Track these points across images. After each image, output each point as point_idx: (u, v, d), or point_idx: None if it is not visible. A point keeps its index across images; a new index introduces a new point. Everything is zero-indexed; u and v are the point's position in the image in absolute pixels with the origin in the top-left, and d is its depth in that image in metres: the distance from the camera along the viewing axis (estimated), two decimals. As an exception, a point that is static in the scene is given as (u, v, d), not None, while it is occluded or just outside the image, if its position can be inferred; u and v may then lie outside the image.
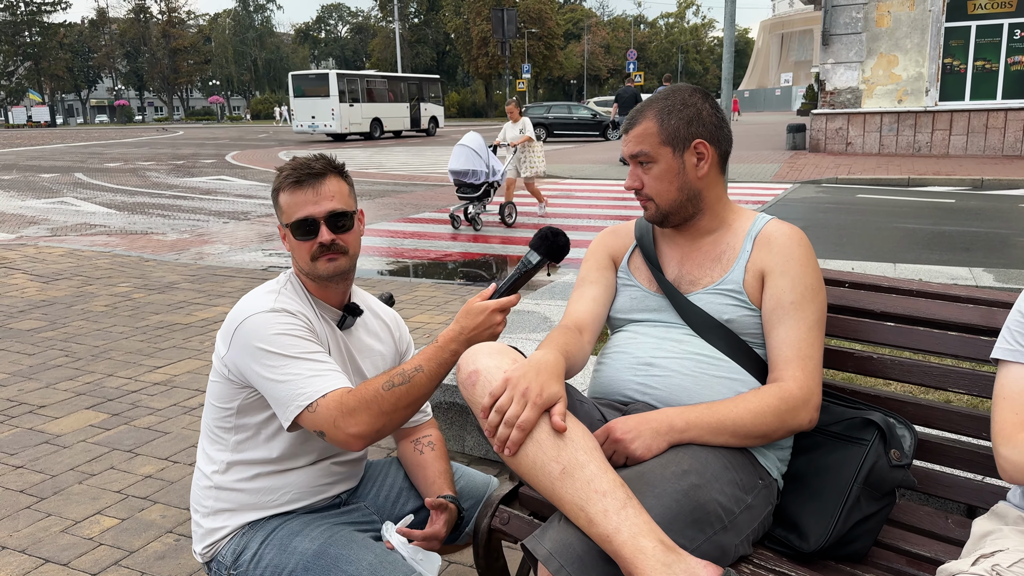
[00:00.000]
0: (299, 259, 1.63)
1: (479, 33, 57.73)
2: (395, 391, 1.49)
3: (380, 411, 1.48)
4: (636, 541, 1.22)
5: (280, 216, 1.64)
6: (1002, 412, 1.35)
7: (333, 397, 1.48)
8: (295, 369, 1.50)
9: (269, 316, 1.54)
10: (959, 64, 15.43)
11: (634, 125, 1.65)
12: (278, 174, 1.63)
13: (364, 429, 1.46)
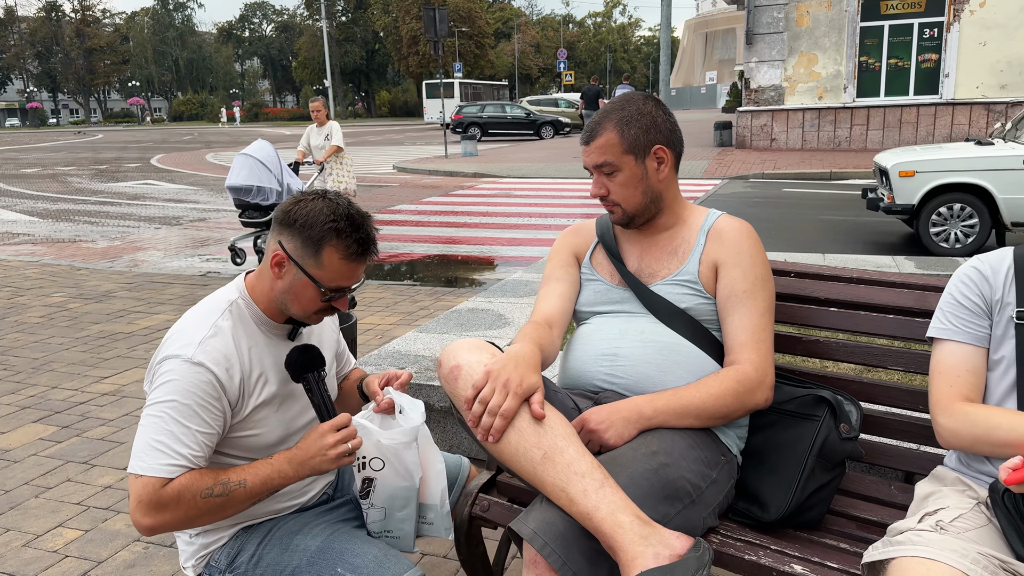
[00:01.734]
0: (292, 302, 1.56)
1: (409, 32, 57.35)
2: (210, 500, 1.45)
3: (187, 516, 1.45)
4: (615, 517, 1.32)
5: (306, 260, 1.51)
6: (938, 385, 1.49)
7: (153, 482, 1.41)
8: (155, 430, 1.44)
9: (183, 368, 1.47)
10: (874, 62, 16.14)
11: (595, 137, 1.74)
12: (332, 222, 1.49)
13: (160, 523, 1.43)
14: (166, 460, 1.41)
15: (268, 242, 1.57)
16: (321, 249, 1.50)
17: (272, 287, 1.57)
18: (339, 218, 1.50)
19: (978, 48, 15.00)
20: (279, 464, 1.51)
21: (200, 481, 1.44)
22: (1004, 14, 14.67)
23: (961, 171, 6.53)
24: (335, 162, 7.60)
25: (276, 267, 1.54)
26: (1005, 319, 1.46)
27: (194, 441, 1.45)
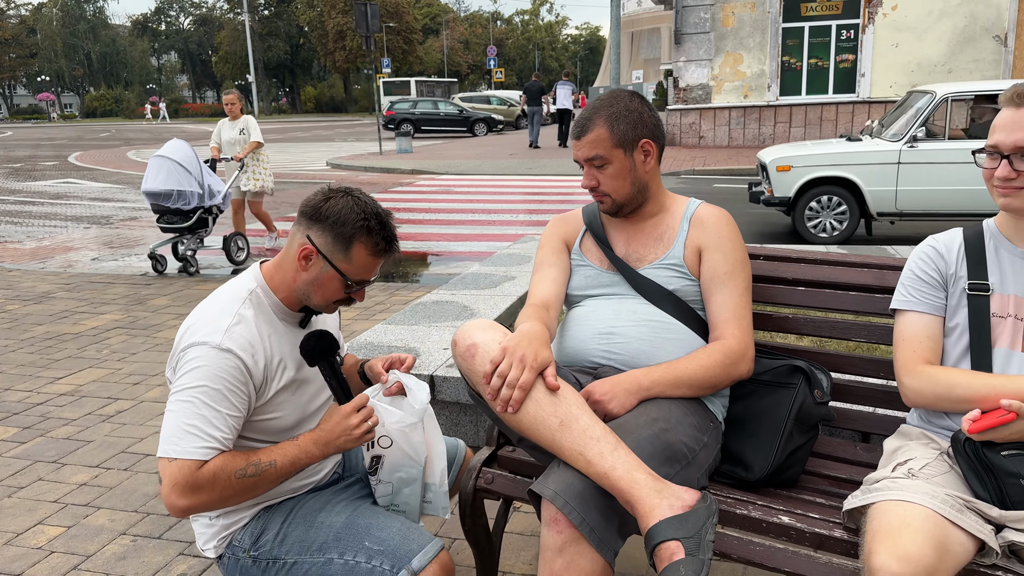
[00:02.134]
0: (315, 293, 1.63)
1: (335, 26, 56.45)
2: (244, 481, 1.53)
3: (221, 496, 1.51)
4: (630, 475, 1.45)
5: (335, 255, 1.59)
6: (902, 351, 1.67)
7: (188, 464, 1.47)
8: (187, 415, 1.49)
9: (211, 354, 1.52)
10: (795, 62, 16.82)
11: (586, 132, 1.86)
12: (364, 221, 1.58)
13: (196, 504, 1.48)
14: (200, 443, 1.47)
15: (292, 236, 1.63)
16: (351, 245, 1.58)
17: (295, 278, 1.63)
18: (369, 217, 1.58)
19: (891, 49, 15.82)
20: (305, 445, 1.58)
21: (233, 462, 1.51)
22: (914, 17, 15.51)
23: (831, 165, 7.06)
24: (252, 159, 7.15)
25: (303, 260, 1.60)
26: (959, 291, 1.65)
27: (225, 424, 1.51)
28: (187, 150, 6.33)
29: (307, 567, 1.62)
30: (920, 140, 6.76)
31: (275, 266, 1.68)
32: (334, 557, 1.60)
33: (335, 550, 1.61)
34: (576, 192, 11.75)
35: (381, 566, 1.58)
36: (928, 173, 6.77)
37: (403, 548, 1.60)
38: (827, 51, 16.62)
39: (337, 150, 22.74)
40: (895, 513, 1.39)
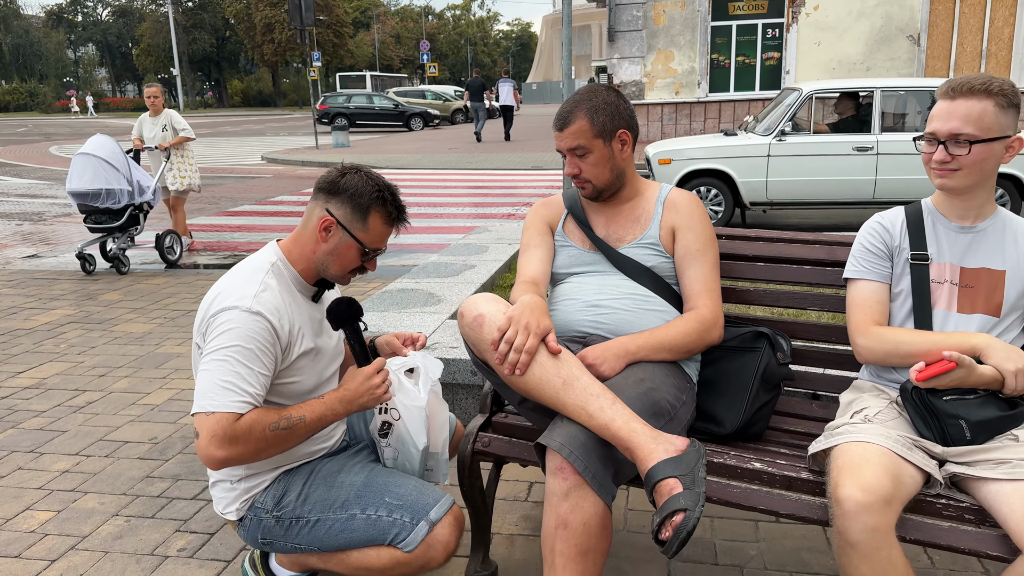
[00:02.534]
0: (333, 263, 1.76)
1: (263, 19, 55.28)
2: (277, 433, 1.65)
3: (256, 448, 1.63)
4: (629, 425, 1.63)
5: (354, 224, 1.73)
6: (855, 314, 1.90)
7: (226, 417, 1.58)
8: (222, 372, 1.60)
9: (243, 317, 1.64)
10: (724, 59, 17.39)
11: (568, 124, 2.03)
12: (378, 192, 1.75)
13: (233, 456, 1.60)
14: (236, 398, 1.59)
15: (310, 211, 1.76)
16: (368, 215, 1.73)
17: (315, 250, 1.77)
18: (382, 189, 1.74)
19: (814, 47, 16.52)
20: (331, 403, 1.71)
21: (266, 416, 1.63)
22: (835, 17, 16.24)
23: (707, 158, 7.54)
24: (177, 156, 6.88)
25: (323, 231, 1.74)
26: (902, 261, 1.88)
27: (257, 382, 1.63)
28: (112, 146, 6.06)
29: (330, 524, 1.74)
30: (788, 134, 7.27)
31: (293, 241, 1.81)
32: (356, 513, 1.74)
33: (357, 506, 1.74)
34: (520, 185, 11.94)
35: (402, 519, 1.72)
36: (795, 165, 7.29)
37: (420, 502, 1.74)
38: (754, 49, 17.23)
39: (271, 144, 22.39)
40: (856, 452, 1.61)
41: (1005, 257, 1.79)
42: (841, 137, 7.25)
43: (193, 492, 2.67)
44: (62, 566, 2.26)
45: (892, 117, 7.38)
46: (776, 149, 7.29)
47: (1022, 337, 1.81)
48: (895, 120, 7.41)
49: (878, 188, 7.26)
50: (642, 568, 2.18)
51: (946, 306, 1.82)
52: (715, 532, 2.36)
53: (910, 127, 7.33)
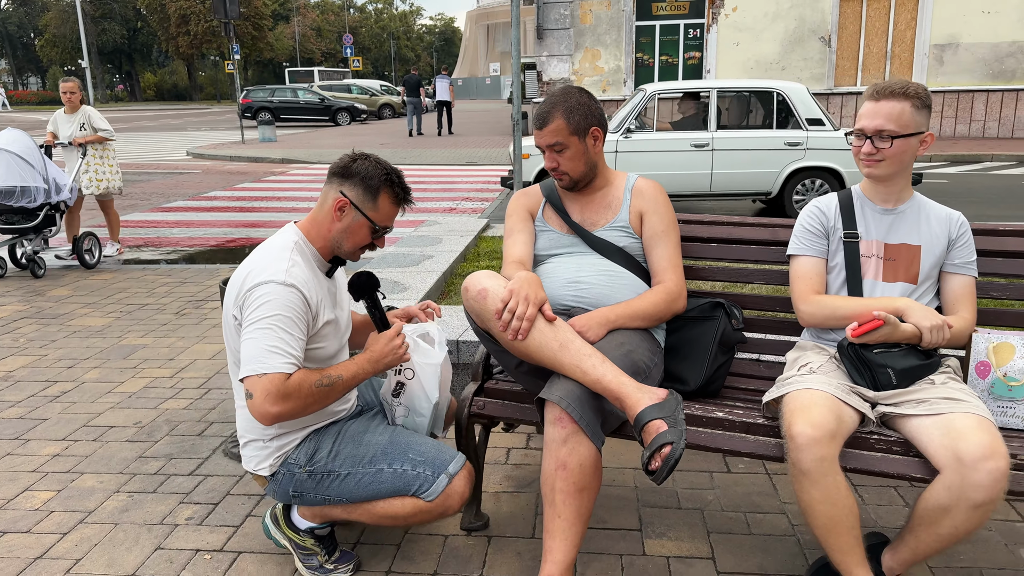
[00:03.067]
0: (346, 241, 1.98)
1: (178, 10, 53.54)
2: (321, 390, 1.87)
3: (304, 404, 1.84)
4: (619, 379, 1.90)
5: (365, 204, 1.94)
6: (798, 285, 2.22)
7: (277, 377, 1.78)
8: (268, 339, 1.80)
9: (279, 289, 1.84)
10: (648, 58, 17.98)
11: (547, 123, 2.28)
12: (385, 174, 1.96)
13: (284, 411, 1.80)
14: (284, 360, 1.80)
15: (325, 194, 1.99)
16: (378, 195, 1.96)
17: (330, 228, 1.99)
18: (390, 172, 1.99)
19: (733, 48, 17.26)
20: (361, 363, 1.95)
21: (310, 375, 1.85)
22: (752, 18, 17.01)
23: None
24: (95, 156, 6.43)
25: (338, 211, 1.96)
26: (836, 239, 2.21)
27: (298, 346, 1.85)
28: (26, 140, 5.75)
29: (359, 477, 1.96)
30: (634, 132, 7.76)
31: (311, 222, 2.02)
32: (384, 467, 1.96)
33: (384, 461, 1.96)
34: (457, 180, 12.13)
35: (424, 472, 1.95)
36: (640, 160, 7.79)
37: (439, 458, 1.98)
38: (676, 49, 17.88)
39: (193, 139, 21.89)
40: (805, 397, 1.92)
41: (921, 234, 2.14)
42: (681, 135, 7.78)
43: (189, 469, 2.81)
44: (75, 538, 2.38)
45: (727, 115, 7.89)
46: (623, 145, 7.75)
47: (935, 300, 2.17)
48: (730, 118, 7.93)
49: (714, 182, 7.84)
50: (616, 514, 2.46)
51: (874, 276, 2.16)
52: (676, 482, 2.66)
53: (743, 125, 7.87)
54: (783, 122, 7.81)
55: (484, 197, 10.35)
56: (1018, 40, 16.22)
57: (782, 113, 7.82)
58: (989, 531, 2.34)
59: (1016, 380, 2.02)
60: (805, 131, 7.73)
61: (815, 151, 7.73)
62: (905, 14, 16.73)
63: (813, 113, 7.71)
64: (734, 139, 7.75)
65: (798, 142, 7.72)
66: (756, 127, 8.04)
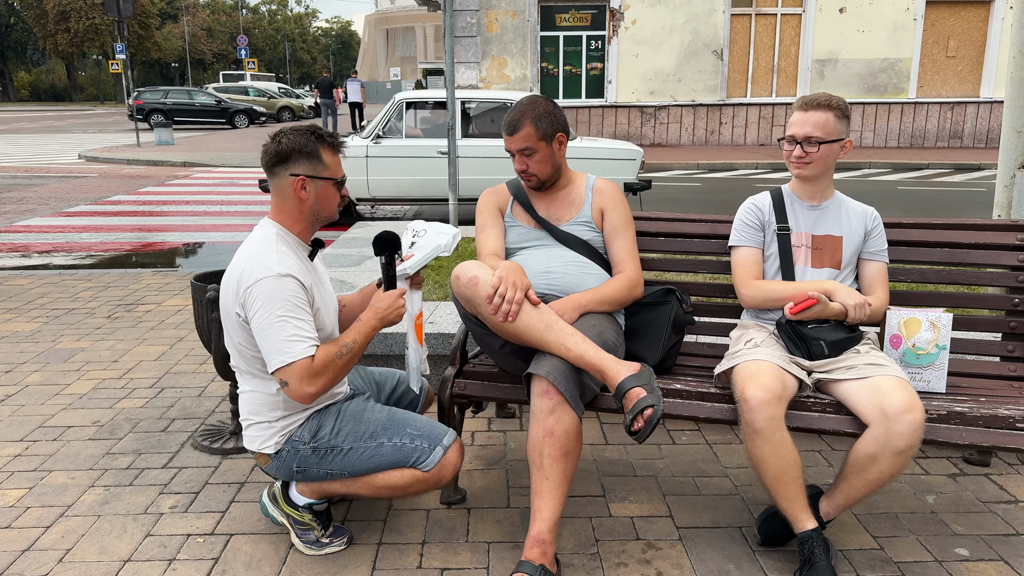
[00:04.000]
0: (324, 207, 2.13)
1: (56, 6, 50.59)
2: (344, 359, 2.07)
3: (335, 375, 2.05)
4: (599, 354, 2.14)
5: (317, 168, 2.07)
6: (739, 272, 2.53)
7: (305, 361, 1.97)
8: (285, 330, 1.97)
9: (278, 282, 1.98)
10: (552, 68, 18.48)
11: (518, 130, 2.50)
12: (311, 135, 2.08)
13: (320, 389, 2.00)
14: (305, 345, 1.96)
15: (276, 185, 2.11)
16: (320, 155, 2.10)
17: (302, 209, 2.12)
18: (312, 130, 2.12)
19: (632, 59, 18.00)
20: (368, 321, 2.13)
21: (330, 349, 2.01)
22: (650, 32, 17.79)
23: None
24: None
25: (302, 190, 2.09)
26: (771, 232, 2.53)
27: (311, 327, 2.01)
28: None
29: (362, 451, 2.12)
30: (383, 138, 8.03)
31: (279, 212, 2.14)
32: (384, 441, 2.12)
33: (384, 436, 2.13)
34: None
35: (422, 444, 2.13)
36: (390, 166, 8.06)
37: (434, 433, 2.16)
38: (579, 59, 18.47)
39: (83, 142, 20.87)
40: (753, 366, 2.22)
41: (842, 226, 2.49)
42: (427, 142, 8.08)
43: (161, 463, 2.87)
44: (60, 530, 2.42)
45: (475, 125, 8.23)
46: (373, 151, 7.98)
47: (855, 284, 2.52)
48: (477, 127, 8.25)
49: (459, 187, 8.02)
50: (581, 484, 2.71)
51: (804, 263, 2.49)
52: (629, 454, 2.93)
53: (487, 133, 8.21)
54: None
55: (401, 201, 10.44)
56: (889, 57, 17.68)
57: None
58: (900, 483, 2.72)
59: (923, 349, 2.39)
60: None
61: None
62: (790, 31, 17.93)
63: None
64: (477, 147, 8.00)
65: None
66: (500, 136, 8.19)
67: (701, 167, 14.45)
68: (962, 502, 2.59)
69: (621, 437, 3.08)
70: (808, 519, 2.15)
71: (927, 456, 2.92)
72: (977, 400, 2.30)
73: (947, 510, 2.54)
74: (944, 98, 17.89)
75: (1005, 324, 2.60)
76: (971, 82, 18.09)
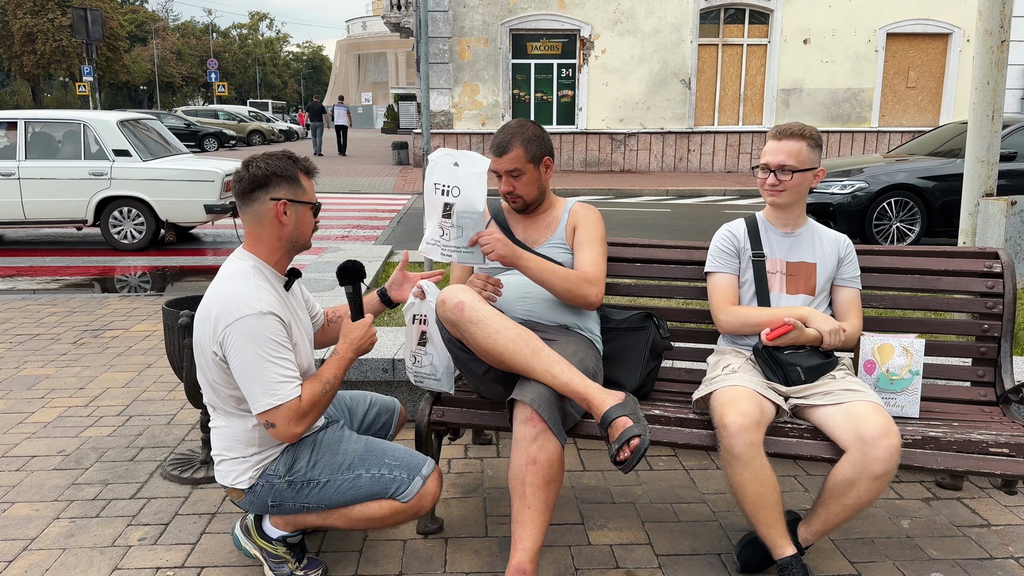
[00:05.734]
0: (303, 233, 2.11)
1: (22, 28, 49.95)
2: (328, 395, 2.06)
3: (320, 412, 2.06)
4: (585, 382, 2.14)
5: (296, 193, 2.06)
6: (716, 298, 2.55)
7: (294, 403, 1.96)
8: (270, 373, 1.93)
9: (259, 320, 1.93)
10: (524, 95, 18.65)
11: (507, 152, 2.50)
12: (288, 159, 2.07)
13: (306, 428, 2.01)
14: (291, 386, 1.94)
15: (254, 212, 2.06)
16: (298, 179, 2.09)
17: (281, 236, 2.08)
18: (287, 155, 2.10)
19: (603, 87, 18.23)
20: (345, 353, 2.11)
21: (314, 387, 1.99)
22: (619, 61, 18.06)
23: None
24: None
25: (283, 215, 2.05)
26: (746, 258, 2.56)
27: (293, 365, 1.98)
28: None
29: (339, 483, 2.08)
30: None
31: (255, 242, 2.10)
32: (362, 472, 2.09)
33: (362, 467, 2.09)
34: (345, 209, 12.09)
35: (401, 475, 2.10)
36: None
37: (413, 463, 2.13)
38: (550, 87, 18.66)
39: (48, 165, 20.49)
40: (731, 392, 2.23)
41: (816, 253, 2.53)
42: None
43: (129, 493, 2.79)
44: (22, 565, 2.33)
45: (40, 146, 8.16)
46: None
47: (829, 310, 2.55)
48: (42, 148, 8.18)
49: (26, 209, 8.06)
50: (559, 512, 2.68)
51: (779, 289, 2.52)
52: (607, 481, 2.92)
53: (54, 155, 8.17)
54: (96, 153, 8.08)
55: (375, 225, 10.42)
56: (852, 87, 18.13)
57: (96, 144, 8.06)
58: (875, 508, 2.74)
59: (896, 375, 2.42)
60: (111, 161, 8.04)
61: (120, 181, 8.03)
62: (756, 60, 18.32)
63: (120, 144, 8.04)
64: (41, 168, 7.99)
65: (103, 172, 8.02)
66: (68, 157, 8.18)
67: (670, 193, 14.63)
68: (936, 526, 2.61)
69: (599, 463, 3.07)
70: (787, 545, 2.15)
71: (901, 480, 2.95)
72: (950, 425, 2.33)
73: (922, 534, 2.56)
74: (905, 127, 18.37)
75: (975, 349, 2.65)
76: (931, 112, 18.61)
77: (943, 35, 18.15)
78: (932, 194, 8.33)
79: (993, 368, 2.63)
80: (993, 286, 2.63)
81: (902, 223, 8.43)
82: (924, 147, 9.35)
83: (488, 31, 17.91)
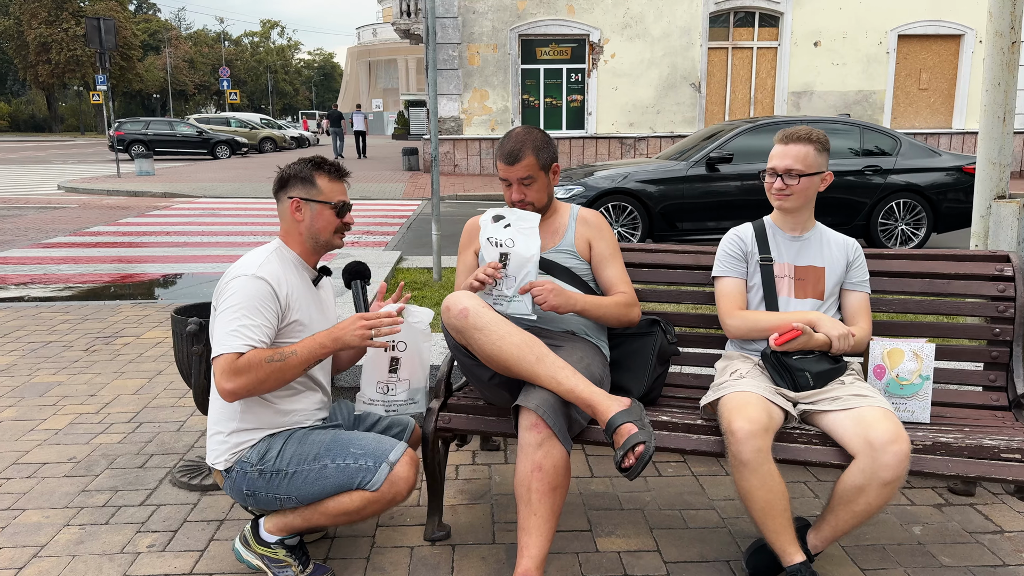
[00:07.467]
0: (320, 230, 2.21)
1: (37, 37, 50.55)
2: (272, 365, 2.05)
3: (257, 379, 2.03)
4: (590, 389, 2.13)
5: (311, 192, 2.20)
6: (723, 303, 2.54)
7: (231, 356, 2.00)
8: (231, 323, 2.03)
9: (250, 281, 2.08)
10: (533, 100, 18.68)
11: (520, 159, 2.49)
12: (308, 163, 2.21)
13: (239, 387, 1.99)
14: (239, 341, 2.00)
15: (280, 209, 2.26)
16: (314, 180, 2.22)
17: (300, 230, 2.23)
18: (314, 159, 2.26)
19: (612, 92, 18.23)
20: (320, 338, 2.11)
21: (263, 352, 2.03)
22: (629, 65, 18.06)
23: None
24: None
25: (296, 212, 2.21)
26: (754, 262, 2.55)
27: (259, 330, 2.04)
28: None
29: (305, 474, 2.11)
30: None
31: (284, 234, 2.27)
32: (327, 463, 2.11)
33: (327, 457, 2.12)
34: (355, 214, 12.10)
35: (366, 463, 2.11)
36: None
37: (380, 449, 2.15)
38: (560, 91, 18.68)
39: (63, 173, 20.73)
40: (739, 398, 2.22)
41: (824, 257, 2.51)
42: None
43: (139, 500, 2.80)
44: (33, 571, 2.34)
45: None
46: None
47: (838, 314, 2.53)
48: None
49: None
50: (567, 518, 2.67)
51: (787, 294, 2.50)
52: (616, 487, 2.91)
53: None
54: None
55: (384, 231, 10.45)
56: (863, 89, 18.05)
57: None
58: (886, 514, 2.71)
59: (906, 379, 2.40)
60: None
61: None
62: (766, 64, 18.26)
63: None
64: None
65: None
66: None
67: (681, 197, 14.58)
68: (948, 533, 2.58)
69: (607, 470, 3.06)
70: (796, 552, 2.13)
71: (912, 486, 2.92)
72: (961, 430, 2.31)
73: (934, 541, 2.53)
74: (917, 129, 18.25)
75: (987, 353, 2.62)
76: (943, 114, 18.50)
77: (955, 36, 18.04)
78: (651, 198, 8.14)
79: (1005, 372, 2.60)
80: (1004, 289, 2.60)
81: (623, 228, 8.24)
82: (675, 150, 9.18)
83: (497, 37, 17.95)
